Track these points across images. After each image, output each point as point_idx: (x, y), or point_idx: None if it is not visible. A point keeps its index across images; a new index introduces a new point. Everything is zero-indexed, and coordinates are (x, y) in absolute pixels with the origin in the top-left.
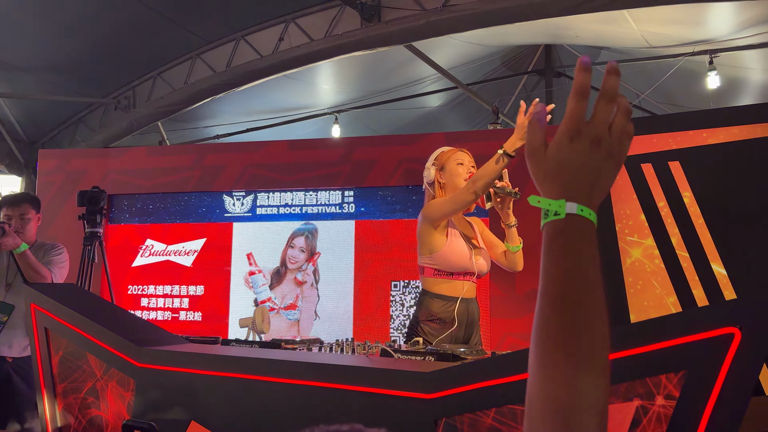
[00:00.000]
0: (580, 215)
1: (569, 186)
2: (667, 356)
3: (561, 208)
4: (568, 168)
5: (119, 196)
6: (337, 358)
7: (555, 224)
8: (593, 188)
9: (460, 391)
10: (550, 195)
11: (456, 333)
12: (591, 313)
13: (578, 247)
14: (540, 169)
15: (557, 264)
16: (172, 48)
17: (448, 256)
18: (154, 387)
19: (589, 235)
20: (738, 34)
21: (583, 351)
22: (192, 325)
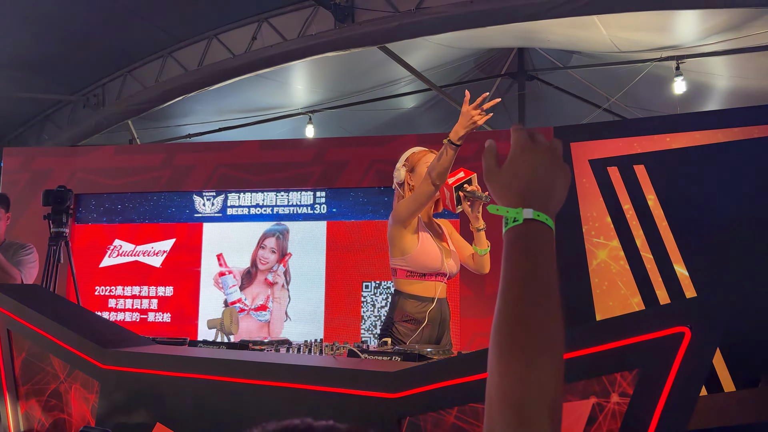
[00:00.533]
0: (537, 220)
1: (525, 194)
2: (622, 355)
3: (519, 214)
4: (523, 177)
5: (86, 196)
6: (303, 359)
7: (515, 230)
8: (548, 195)
9: (423, 391)
10: (509, 204)
11: (429, 333)
12: (546, 314)
13: (536, 251)
14: (497, 185)
15: (516, 267)
16: (143, 45)
17: (421, 257)
18: (118, 389)
19: (547, 239)
20: (703, 41)
21: (537, 349)
22: (161, 327)
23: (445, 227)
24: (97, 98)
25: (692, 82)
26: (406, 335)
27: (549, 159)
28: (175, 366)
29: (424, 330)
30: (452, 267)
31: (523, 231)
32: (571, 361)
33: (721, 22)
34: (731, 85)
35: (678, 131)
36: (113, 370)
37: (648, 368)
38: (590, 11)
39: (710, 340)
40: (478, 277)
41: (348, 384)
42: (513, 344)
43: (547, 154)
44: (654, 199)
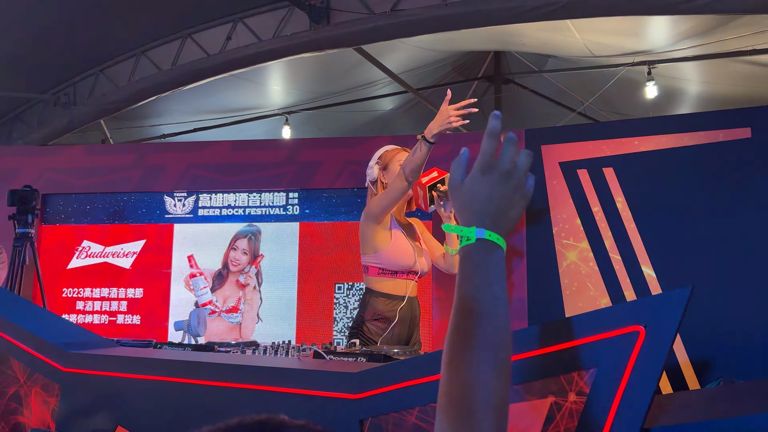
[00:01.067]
0: (488, 239)
1: (479, 215)
2: (579, 354)
3: (471, 233)
4: (479, 199)
5: (54, 196)
6: (267, 361)
7: (468, 248)
8: (501, 217)
9: (384, 391)
10: (464, 223)
11: (399, 332)
12: (493, 325)
13: (486, 268)
14: (458, 201)
15: (468, 282)
16: (116, 44)
17: (393, 254)
18: (79, 392)
19: (497, 256)
20: (674, 46)
21: (483, 357)
22: (130, 329)
23: (417, 226)
24: (68, 97)
25: (664, 86)
26: (376, 334)
27: (510, 184)
28: (137, 368)
29: (394, 329)
30: (424, 265)
31: (475, 249)
32: (529, 360)
33: (691, 28)
34: (701, 90)
35: (646, 135)
36: (74, 372)
37: (604, 367)
38: (563, 16)
39: (664, 338)
40: (450, 279)
41: (310, 385)
42: (461, 352)
43: (510, 180)
44: (622, 201)
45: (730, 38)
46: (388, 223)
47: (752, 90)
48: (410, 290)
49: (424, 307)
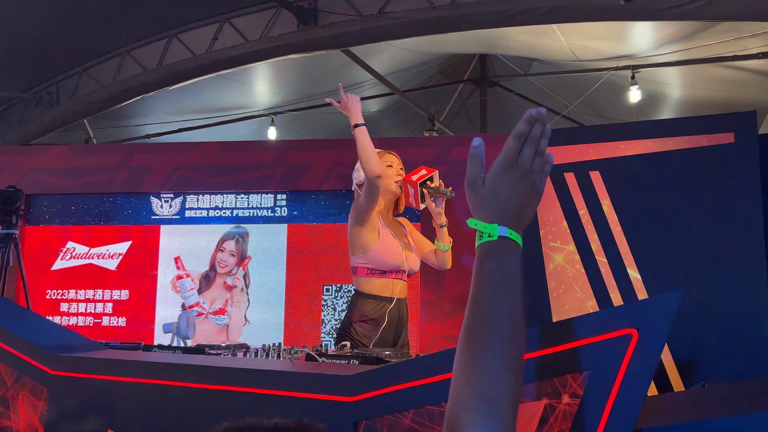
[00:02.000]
0: (509, 237)
1: (501, 212)
2: (573, 357)
3: (494, 231)
4: (501, 196)
5: (38, 196)
6: (260, 363)
7: (489, 244)
8: (520, 215)
9: (379, 394)
10: (485, 219)
11: (386, 333)
12: (514, 320)
13: (507, 265)
14: (477, 197)
15: (489, 278)
16: (101, 43)
17: (381, 254)
18: (68, 395)
19: (516, 255)
20: (657, 50)
21: (507, 351)
22: (116, 331)
23: (406, 225)
24: (51, 96)
25: (647, 91)
26: (364, 336)
27: (527, 183)
28: (128, 371)
29: (382, 330)
30: (413, 264)
31: (497, 246)
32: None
33: (673, 32)
34: (683, 94)
35: (632, 139)
36: (63, 376)
37: (598, 369)
38: (548, 20)
39: (656, 341)
40: (439, 281)
41: (304, 388)
42: (486, 347)
43: (527, 179)
44: (608, 204)
45: (711, 43)
46: (375, 224)
47: (733, 94)
48: (399, 291)
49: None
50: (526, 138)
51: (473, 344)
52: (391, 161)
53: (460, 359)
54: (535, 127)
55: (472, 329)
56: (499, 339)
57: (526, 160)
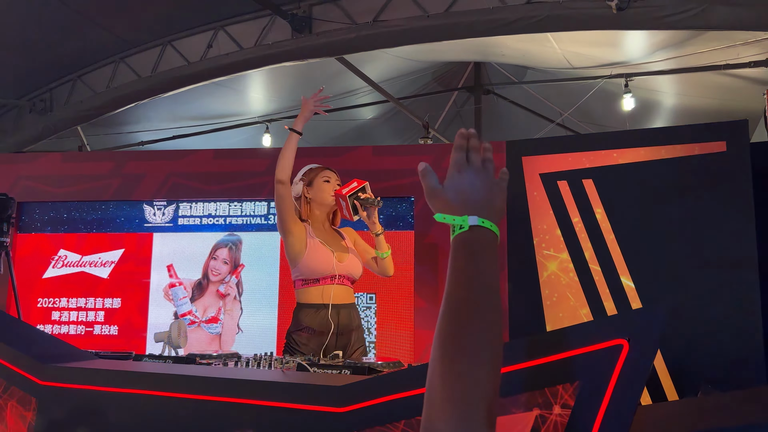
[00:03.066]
0: (482, 226)
1: (468, 203)
2: (564, 367)
3: (465, 221)
4: (464, 190)
5: (30, 204)
6: (250, 373)
7: (461, 236)
8: (489, 205)
9: (370, 404)
10: (454, 213)
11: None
12: (487, 315)
13: (480, 256)
14: (440, 201)
15: (461, 270)
16: (94, 50)
17: (309, 262)
18: (57, 406)
19: (491, 244)
20: (650, 57)
21: (478, 348)
22: (108, 340)
23: (348, 234)
24: (45, 103)
25: (640, 98)
26: (302, 345)
27: (483, 176)
28: (118, 381)
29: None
30: (349, 268)
31: (468, 237)
32: (515, 373)
33: (666, 39)
34: (676, 102)
35: (624, 147)
36: (52, 386)
37: (588, 380)
38: (543, 28)
39: (647, 351)
40: (432, 289)
41: (295, 398)
42: (456, 343)
43: (481, 173)
44: (602, 212)
45: (704, 51)
46: (302, 235)
47: (725, 103)
48: (335, 297)
49: (404, 317)
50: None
51: (444, 340)
52: (328, 176)
53: (434, 358)
54: (471, 140)
55: (445, 327)
56: (475, 338)
57: (476, 161)
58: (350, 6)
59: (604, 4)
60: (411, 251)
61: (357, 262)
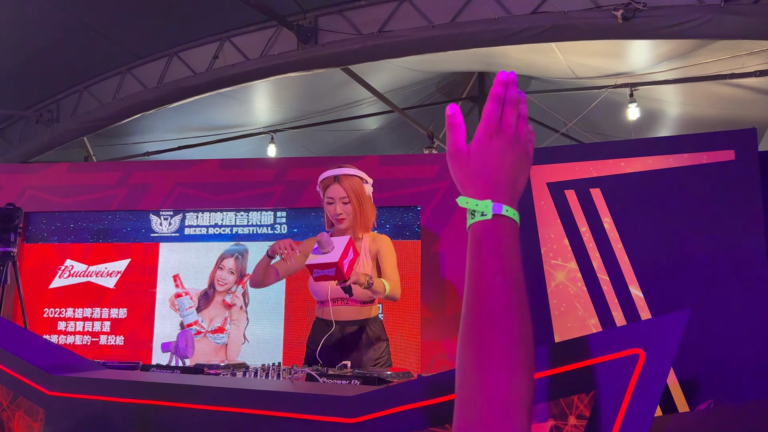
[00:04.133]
0: (506, 215)
1: (493, 185)
2: (579, 377)
3: (487, 208)
4: (491, 165)
5: (37, 214)
6: (260, 384)
7: (483, 225)
8: (513, 187)
9: (382, 415)
10: (476, 194)
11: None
12: (519, 315)
13: (505, 248)
14: (463, 169)
15: (487, 266)
16: (101, 61)
17: (312, 284)
18: (65, 417)
19: (514, 234)
20: (655, 67)
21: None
22: (113, 350)
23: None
24: (51, 114)
25: (645, 108)
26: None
27: (516, 149)
28: (126, 392)
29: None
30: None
31: (492, 227)
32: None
33: (671, 49)
34: (680, 112)
35: (632, 156)
36: (60, 396)
37: (604, 390)
38: (548, 38)
39: (664, 361)
40: (438, 299)
41: (305, 409)
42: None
43: (514, 142)
44: (610, 222)
45: (709, 61)
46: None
47: (731, 112)
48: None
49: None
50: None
51: (476, 346)
52: (331, 196)
53: (462, 364)
54: (509, 89)
55: (472, 329)
56: (505, 338)
57: (510, 124)
58: (356, 17)
59: (610, 13)
60: (417, 261)
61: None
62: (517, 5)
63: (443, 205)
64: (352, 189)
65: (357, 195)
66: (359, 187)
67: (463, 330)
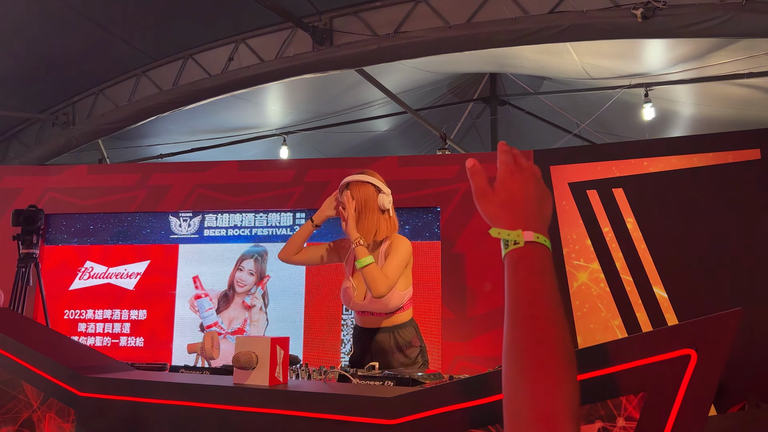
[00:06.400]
0: (537, 242)
1: (522, 215)
2: (627, 378)
3: (519, 237)
4: (516, 199)
5: (57, 216)
6: (294, 385)
7: (517, 252)
8: (540, 216)
9: (422, 417)
10: (507, 225)
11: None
12: (560, 329)
13: (540, 270)
14: (491, 206)
15: (524, 286)
16: (117, 64)
17: (342, 296)
18: (97, 417)
19: (548, 259)
20: (670, 69)
21: (557, 364)
22: (133, 351)
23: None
24: (67, 117)
25: (658, 108)
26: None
27: (534, 181)
28: (158, 393)
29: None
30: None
31: (525, 253)
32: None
33: (687, 52)
34: (695, 112)
35: (655, 156)
36: (91, 397)
37: (654, 392)
38: (565, 38)
39: (717, 362)
40: (459, 301)
41: (343, 410)
42: (535, 361)
43: (532, 177)
44: (633, 222)
45: (723, 62)
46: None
47: (746, 112)
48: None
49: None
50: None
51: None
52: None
53: (509, 378)
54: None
55: (517, 344)
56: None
57: (525, 165)
58: (371, 18)
59: (629, 12)
60: (438, 262)
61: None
62: (534, 5)
63: (463, 205)
64: (356, 198)
65: (359, 204)
66: (365, 196)
67: (507, 346)
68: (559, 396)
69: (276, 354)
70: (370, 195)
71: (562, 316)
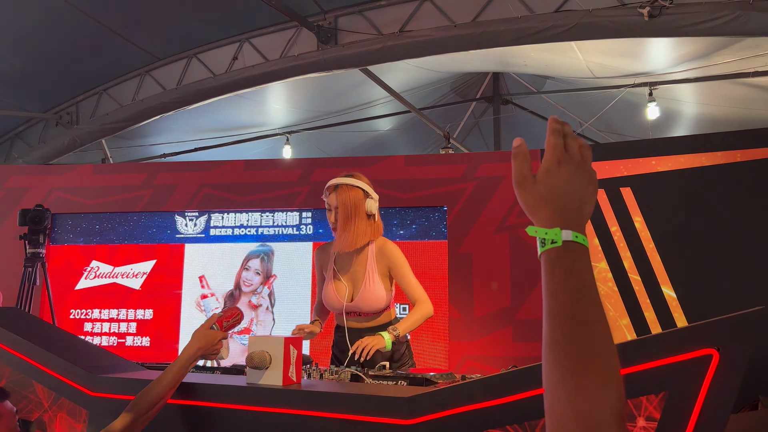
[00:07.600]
0: (575, 241)
1: (561, 212)
2: (648, 378)
3: (557, 236)
4: (559, 193)
5: (63, 215)
6: (308, 384)
7: (555, 251)
8: (581, 213)
9: (439, 417)
10: (545, 223)
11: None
12: (601, 330)
13: (579, 270)
14: (531, 197)
15: (563, 286)
16: (120, 64)
17: (324, 297)
18: (109, 417)
19: (587, 258)
20: (674, 68)
21: (601, 366)
22: (140, 351)
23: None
24: (71, 116)
25: (661, 108)
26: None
27: (583, 174)
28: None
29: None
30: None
31: (563, 252)
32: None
33: (693, 51)
34: (699, 111)
35: (663, 155)
36: (104, 397)
37: (675, 391)
38: (572, 37)
39: (739, 361)
40: (467, 300)
41: (358, 410)
42: (578, 363)
43: (581, 168)
44: (641, 221)
45: (728, 61)
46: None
47: (746, 111)
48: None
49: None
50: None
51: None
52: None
53: (551, 381)
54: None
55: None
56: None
57: (575, 151)
58: (376, 17)
59: (636, 11)
60: (444, 261)
61: (371, 297)
62: (540, 3)
63: (470, 205)
64: (344, 202)
65: (347, 208)
66: (354, 201)
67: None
68: (604, 403)
69: (289, 354)
70: (358, 199)
71: (603, 315)
